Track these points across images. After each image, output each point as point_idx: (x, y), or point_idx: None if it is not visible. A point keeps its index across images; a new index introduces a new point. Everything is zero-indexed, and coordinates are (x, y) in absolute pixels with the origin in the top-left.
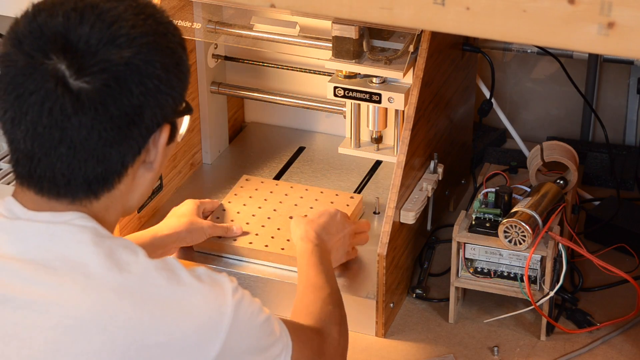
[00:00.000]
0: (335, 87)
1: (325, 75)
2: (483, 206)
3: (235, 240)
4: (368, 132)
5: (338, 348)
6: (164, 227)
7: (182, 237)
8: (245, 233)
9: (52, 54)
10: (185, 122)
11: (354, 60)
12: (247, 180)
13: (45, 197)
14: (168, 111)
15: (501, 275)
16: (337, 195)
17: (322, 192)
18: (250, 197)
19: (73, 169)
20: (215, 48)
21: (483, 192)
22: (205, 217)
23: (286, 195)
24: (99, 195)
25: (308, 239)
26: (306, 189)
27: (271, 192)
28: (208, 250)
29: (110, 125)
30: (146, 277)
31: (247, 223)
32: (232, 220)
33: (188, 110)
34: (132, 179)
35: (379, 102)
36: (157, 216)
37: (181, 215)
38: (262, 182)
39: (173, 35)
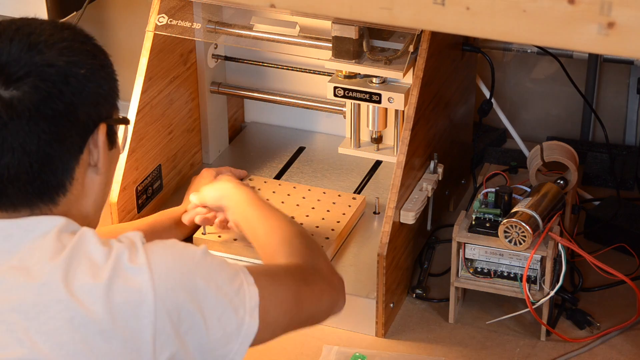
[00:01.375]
0: (335, 87)
1: (325, 75)
2: (483, 206)
3: (235, 240)
4: (368, 132)
5: (332, 278)
6: (181, 207)
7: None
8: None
9: None
10: (124, 132)
11: (354, 60)
12: (250, 179)
13: (3, 213)
14: (102, 111)
15: (501, 276)
16: (339, 195)
17: (324, 193)
18: None
19: (21, 176)
20: (215, 48)
21: (483, 192)
22: None
23: (288, 195)
24: (56, 200)
25: (243, 185)
26: (309, 189)
27: (274, 192)
28: (208, 249)
29: (47, 125)
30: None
31: None
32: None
33: (124, 120)
34: (82, 183)
35: (379, 102)
36: None
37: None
38: (265, 182)
39: (93, 44)
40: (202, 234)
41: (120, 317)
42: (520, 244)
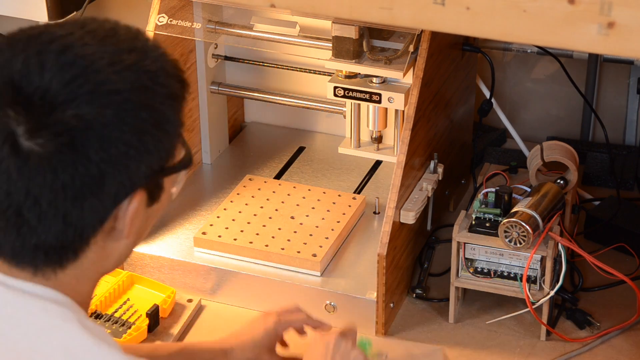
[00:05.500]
0: (335, 87)
1: (325, 75)
2: (483, 206)
3: (235, 239)
4: (368, 132)
5: None
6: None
7: None
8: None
9: (6, 107)
10: (181, 177)
11: (354, 60)
12: (250, 179)
13: (6, 264)
14: (141, 177)
15: (501, 275)
16: (339, 195)
17: (324, 193)
18: (252, 196)
19: (24, 237)
20: (215, 48)
21: (483, 192)
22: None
23: (289, 195)
24: (64, 265)
25: None
26: (309, 189)
27: (274, 192)
28: (208, 249)
29: (62, 195)
30: None
31: (249, 222)
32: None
33: (183, 165)
34: (103, 247)
35: (379, 102)
36: None
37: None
38: (265, 182)
39: (161, 85)
40: (202, 233)
41: None
42: (520, 243)
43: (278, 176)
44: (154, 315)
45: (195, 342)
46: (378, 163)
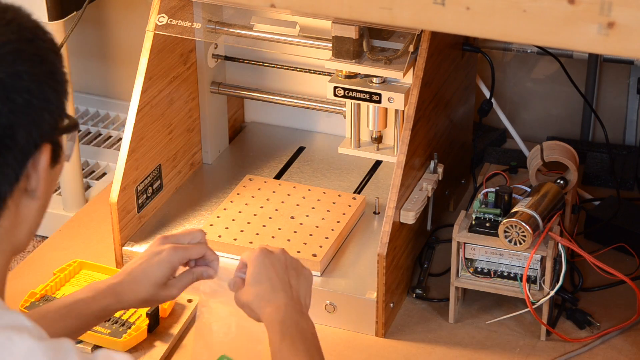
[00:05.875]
0: (335, 87)
1: (325, 75)
2: (483, 206)
3: (235, 239)
4: (368, 132)
5: None
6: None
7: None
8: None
9: None
10: (71, 140)
11: (354, 60)
12: (250, 180)
13: None
14: (46, 128)
15: (501, 275)
16: (339, 195)
17: (324, 193)
18: (252, 196)
19: None
20: (215, 48)
21: (483, 192)
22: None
23: (289, 195)
24: None
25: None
26: (309, 189)
27: (274, 192)
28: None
29: None
30: None
31: (249, 222)
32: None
33: (72, 127)
34: (15, 211)
35: (379, 102)
36: (158, 216)
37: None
38: (265, 182)
39: (42, 40)
40: None
41: None
42: (520, 244)
43: (278, 176)
44: (154, 315)
45: (84, 291)
46: (378, 163)
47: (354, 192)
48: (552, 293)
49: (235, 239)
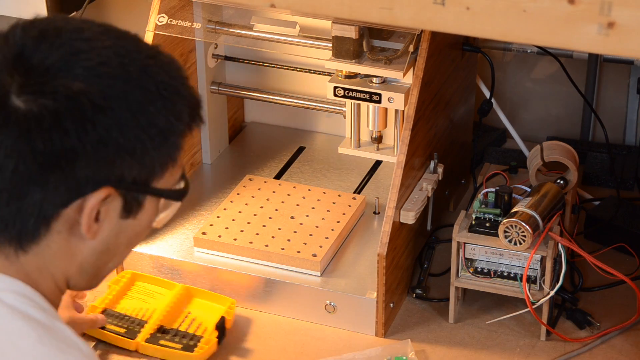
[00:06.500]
0: (335, 87)
1: (325, 75)
2: (483, 206)
3: (235, 239)
4: (368, 132)
5: None
6: None
7: None
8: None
9: (7, 70)
10: (169, 208)
11: (354, 60)
12: (250, 180)
13: None
14: (116, 175)
15: (501, 275)
16: (339, 195)
17: (324, 193)
18: (252, 196)
19: None
20: (215, 48)
21: (483, 192)
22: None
23: (289, 195)
24: (25, 247)
25: None
26: (309, 189)
27: (274, 192)
28: (208, 249)
29: (31, 158)
30: None
31: (248, 222)
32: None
33: (175, 195)
34: (66, 241)
35: (379, 102)
36: None
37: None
38: (265, 182)
39: (166, 99)
40: (202, 233)
41: None
42: (520, 244)
43: (278, 176)
44: (222, 328)
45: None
46: (378, 163)
47: (354, 192)
48: (552, 293)
49: (235, 239)
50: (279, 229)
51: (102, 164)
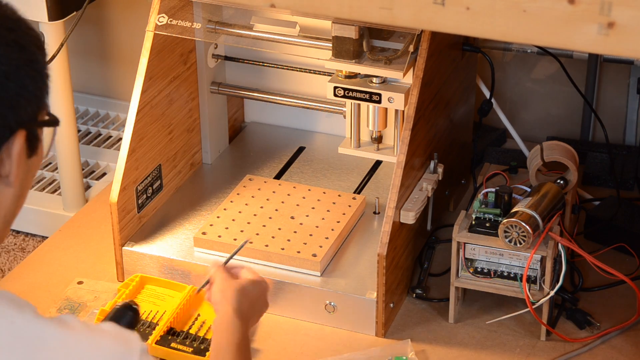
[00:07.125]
0: (335, 87)
1: (325, 75)
2: (483, 206)
3: (235, 239)
4: (368, 132)
5: None
6: None
7: None
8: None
9: None
10: (50, 135)
11: (354, 60)
12: (250, 180)
13: None
14: (22, 115)
15: (501, 275)
16: (339, 195)
17: (324, 193)
18: (252, 196)
19: None
20: (215, 48)
21: (483, 192)
22: None
23: (289, 195)
24: None
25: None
26: (309, 189)
27: (274, 192)
28: (208, 249)
29: None
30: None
31: (249, 222)
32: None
33: (52, 122)
34: None
35: (379, 102)
36: (158, 216)
37: None
38: (265, 182)
39: (24, 32)
40: (202, 233)
41: None
42: (520, 244)
43: (278, 176)
44: None
45: None
46: (378, 163)
47: (354, 192)
48: (552, 293)
49: (235, 239)
50: (279, 229)
51: (9, 109)
